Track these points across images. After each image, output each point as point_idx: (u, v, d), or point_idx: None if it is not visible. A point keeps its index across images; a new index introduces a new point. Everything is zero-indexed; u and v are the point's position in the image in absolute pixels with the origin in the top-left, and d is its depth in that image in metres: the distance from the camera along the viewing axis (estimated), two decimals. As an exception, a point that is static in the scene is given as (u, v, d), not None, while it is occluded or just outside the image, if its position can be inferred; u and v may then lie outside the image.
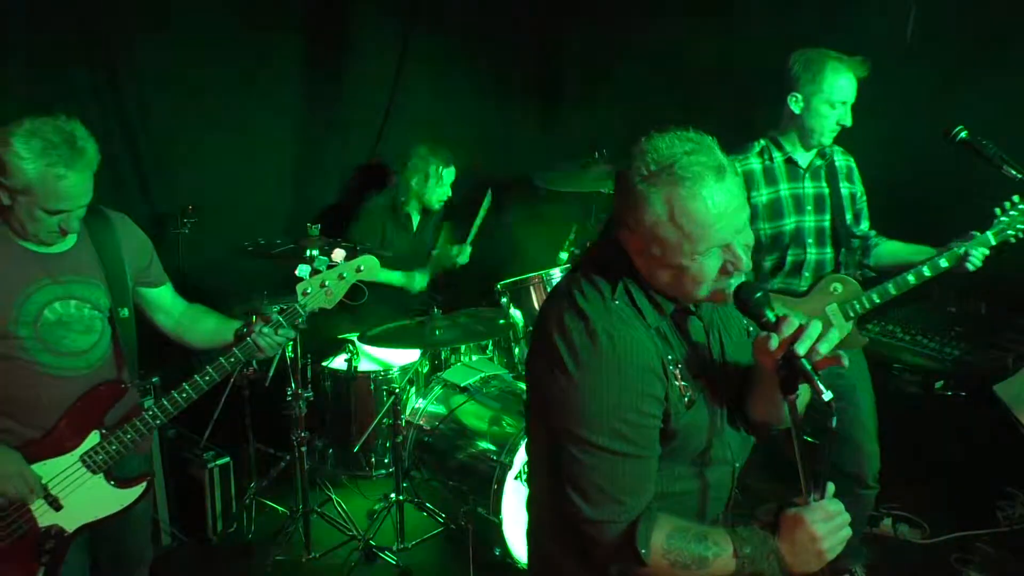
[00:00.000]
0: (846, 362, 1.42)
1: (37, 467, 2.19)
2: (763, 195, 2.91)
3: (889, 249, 3.05)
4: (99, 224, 2.29)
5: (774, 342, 1.44)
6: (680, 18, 4.41)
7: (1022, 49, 3.56)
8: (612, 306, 1.50)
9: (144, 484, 2.37)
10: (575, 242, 4.13)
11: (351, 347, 3.81)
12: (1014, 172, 2.79)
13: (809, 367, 1.40)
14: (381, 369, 3.86)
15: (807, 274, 2.94)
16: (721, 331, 1.66)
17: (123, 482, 2.32)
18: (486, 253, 4.40)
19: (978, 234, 2.80)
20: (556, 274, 3.70)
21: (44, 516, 2.22)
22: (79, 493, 2.24)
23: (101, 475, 2.27)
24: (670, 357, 1.51)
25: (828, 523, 1.45)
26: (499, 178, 4.89)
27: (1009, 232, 2.83)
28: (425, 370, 3.88)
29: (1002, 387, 3.01)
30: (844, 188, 3.01)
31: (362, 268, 2.47)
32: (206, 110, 3.98)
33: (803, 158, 2.96)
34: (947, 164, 3.24)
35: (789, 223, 2.91)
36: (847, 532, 1.48)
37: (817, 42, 2.89)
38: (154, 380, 3.32)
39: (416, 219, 4.28)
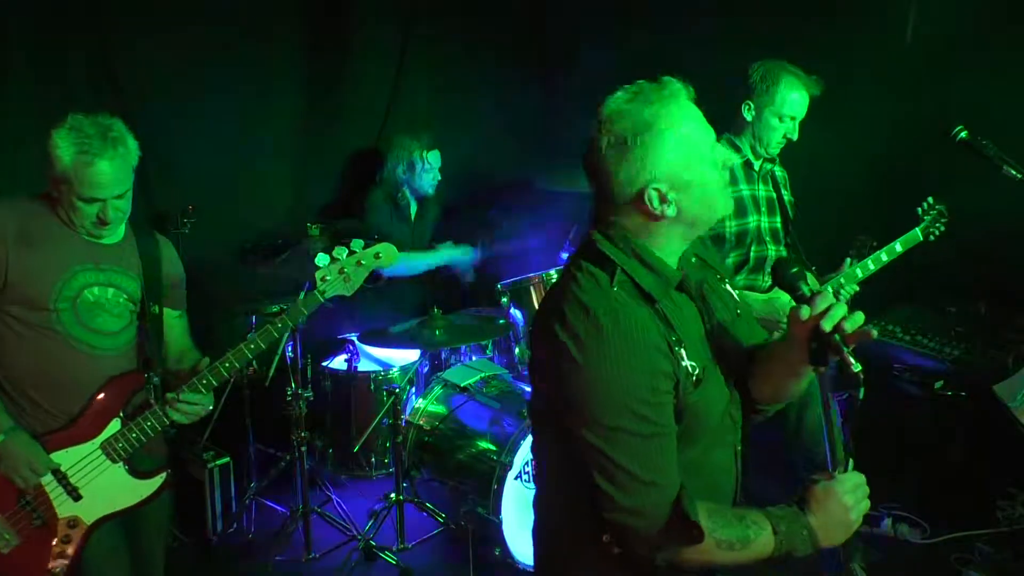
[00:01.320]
0: (875, 333, 1.47)
1: (58, 455, 2.25)
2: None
3: None
4: (145, 236, 2.43)
5: (805, 312, 1.47)
6: (681, 18, 4.40)
7: (1022, 48, 3.56)
8: (612, 292, 1.50)
9: (163, 476, 2.41)
10: (575, 241, 4.12)
11: (351, 347, 3.81)
12: (1014, 172, 2.81)
13: (839, 340, 1.44)
14: (381, 369, 3.86)
15: (768, 270, 3.02)
16: (712, 310, 1.65)
17: (142, 474, 2.36)
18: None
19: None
20: (556, 274, 3.70)
21: (63, 506, 2.27)
22: (98, 482, 2.29)
23: (121, 464, 2.32)
24: (674, 338, 1.51)
25: (855, 493, 1.49)
26: (499, 178, 4.89)
27: (931, 230, 3.16)
28: (425, 370, 3.88)
29: (1002, 387, 3.02)
30: (785, 195, 3.14)
31: (380, 254, 2.50)
32: (206, 110, 3.97)
33: (756, 163, 3.06)
34: (947, 163, 3.24)
35: (752, 220, 3.00)
36: (868, 502, 1.52)
37: (818, 42, 2.89)
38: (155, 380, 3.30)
39: (413, 208, 4.26)
